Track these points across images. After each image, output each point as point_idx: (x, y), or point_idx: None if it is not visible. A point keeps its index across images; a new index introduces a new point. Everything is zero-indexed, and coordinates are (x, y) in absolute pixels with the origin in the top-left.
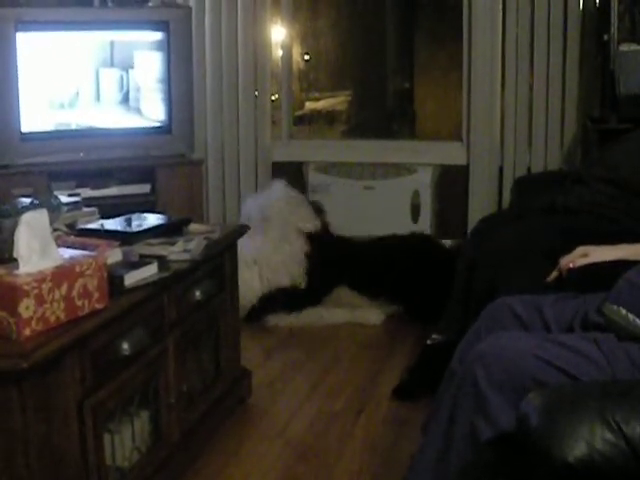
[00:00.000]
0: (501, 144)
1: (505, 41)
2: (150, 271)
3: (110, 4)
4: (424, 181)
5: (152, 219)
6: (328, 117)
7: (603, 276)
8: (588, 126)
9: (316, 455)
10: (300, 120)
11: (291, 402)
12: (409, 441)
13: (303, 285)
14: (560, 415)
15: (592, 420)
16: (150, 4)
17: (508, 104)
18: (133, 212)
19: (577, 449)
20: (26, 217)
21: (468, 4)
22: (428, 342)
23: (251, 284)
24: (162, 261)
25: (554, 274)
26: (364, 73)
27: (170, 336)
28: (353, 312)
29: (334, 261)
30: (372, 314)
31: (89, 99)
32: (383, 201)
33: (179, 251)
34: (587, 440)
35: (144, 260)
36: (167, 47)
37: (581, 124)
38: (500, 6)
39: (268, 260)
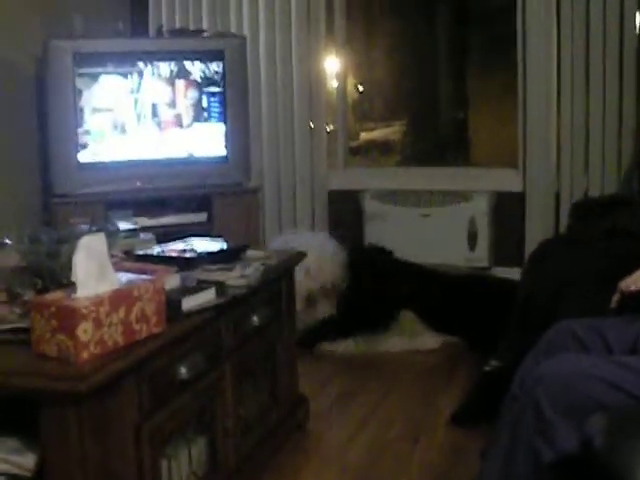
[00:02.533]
0: (557, 169)
1: (560, 66)
2: (208, 296)
3: (166, 35)
4: (480, 208)
5: (210, 245)
6: (383, 147)
7: None
8: None
9: None
10: (356, 150)
11: (347, 429)
12: (466, 468)
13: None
14: (624, 437)
15: None
16: (205, 34)
17: (564, 129)
18: (189, 236)
19: None
20: (84, 241)
21: (522, 31)
22: (486, 369)
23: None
24: (220, 286)
25: (616, 297)
26: (418, 102)
27: (227, 361)
28: (411, 339)
29: (395, 286)
30: (429, 339)
31: (148, 128)
32: (440, 228)
33: (237, 277)
34: None
35: (202, 285)
36: (223, 76)
37: (638, 147)
38: (554, 31)
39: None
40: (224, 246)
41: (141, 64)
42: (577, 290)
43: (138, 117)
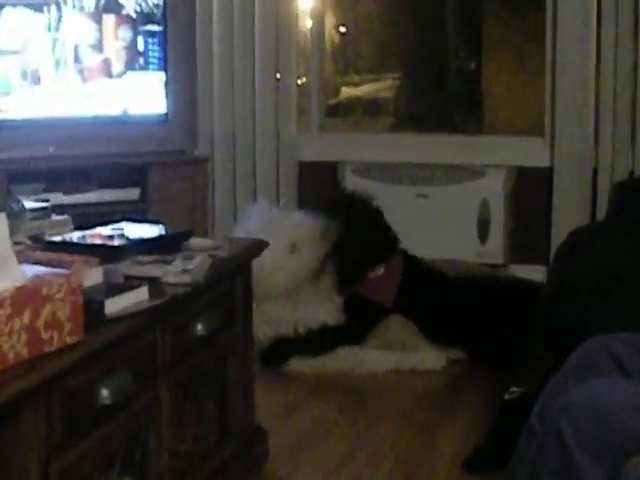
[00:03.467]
0: (595, 140)
1: (601, 6)
2: (139, 297)
3: None
4: (495, 188)
5: (143, 230)
6: (371, 106)
7: None
8: None
9: None
10: (335, 110)
11: (319, 472)
12: None
13: (336, 322)
14: None
15: None
16: None
17: (605, 89)
18: (118, 220)
19: None
20: None
21: None
22: (506, 397)
23: (269, 317)
24: (155, 284)
25: None
26: (417, 50)
27: (163, 382)
28: (405, 354)
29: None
30: (430, 357)
31: (67, 78)
32: (441, 214)
33: (177, 272)
34: None
35: (132, 283)
36: (164, 11)
37: None
38: None
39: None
40: (162, 232)
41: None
42: (618, 294)
43: (55, 63)
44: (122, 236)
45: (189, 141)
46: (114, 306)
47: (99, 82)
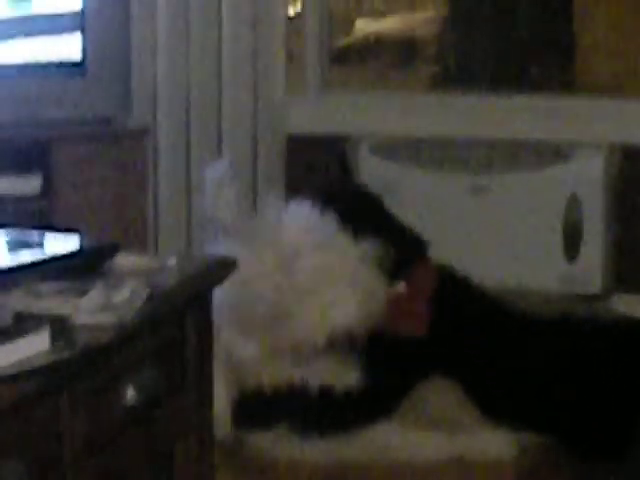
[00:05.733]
0: None
1: None
2: (36, 346)
3: None
4: (590, 177)
5: (44, 242)
6: (399, 51)
7: None
8: None
9: None
10: (344, 56)
11: None
12: None
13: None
14: None
15: None
16: None
17: None
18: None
19: None
20: None
21: None
22: None
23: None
24: (61, 327)
25: None
26: None
27: (73, 476)
28: (458, 437)
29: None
30: (494, 441)
31: None
32: (507, 216)
33: (94, 308)
34: None
35: (24, 325)
36: None
37: None
38: None
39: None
40: (73, 245)
41: None
42: None
43: None
44: (10, 253)
45: (118, 104)
46: None
47: None
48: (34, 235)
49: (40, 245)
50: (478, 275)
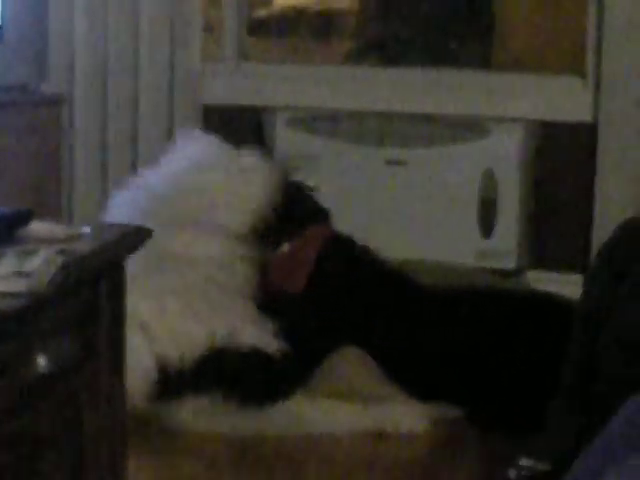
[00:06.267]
0: None
1: None
2: None
3: None
4: (506, 152)
5: None
6: (318, 23)
7: None
8: None
9: None
10: (263, 27)
11: None
12: None
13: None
14: None
15: None
16: None
17: None
18: None
19: None
20: None
21: None
22: (512, 474)
23: (147, 350)
24: None
25: None
26: None
27: None
28: (367, 410)
29: (335, 302)
30: (407, 413)
31: None
32: (424, 191)
33: (7, 275)
34: None
35: None
36: None
37: None
38: None
39: (182, 301)
40: None
41: None
42: None
43: None
44: None
45: (34, 71)
46: None
47: None
48: None
49: None
50: (393, 249)
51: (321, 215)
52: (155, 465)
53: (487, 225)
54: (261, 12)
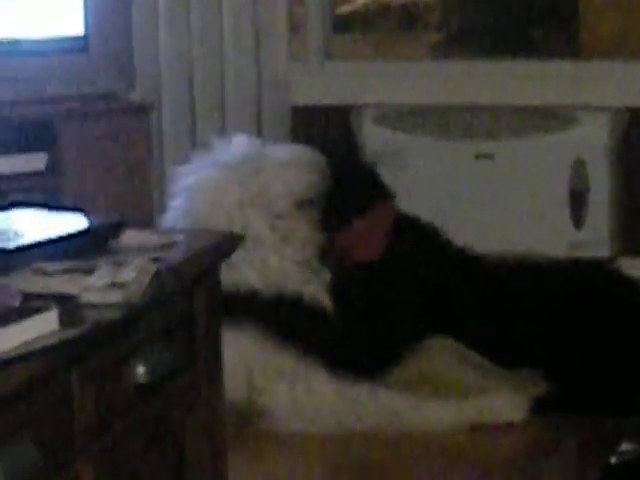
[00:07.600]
0: None
1: None
2: (44, 326)
3: None
4: (596, 141)
5: (49, 222)
6: (401, 18)
7: None
8: None
9: None
10: (347, 24)
11: None
12: None
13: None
14: None
15: None
16: None
17: None
18: (9, 205)
19: None
20: None
21: None
22: (612, 461)
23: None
24: (68, 306)
25: None
26: None
27: (84, 455)
28: (463, 403)
29: (411, 276)
30: (504, 405)
31: None
32: (513, 182)
33: (102, 287)
34: None
35: (32, 305)
36: None
37: None
38: None
39: None
40: (79, 223)
41: None
42: None
43: None
44: (15, 233)
45: (121, 79)
46: (5, 342)
47: None
48: (41, 215)
49: (46, 224)
50: (483, 242)
51: (386, 195)
52: (253, 467)
53: (578, 215)
54: (345, 9)
